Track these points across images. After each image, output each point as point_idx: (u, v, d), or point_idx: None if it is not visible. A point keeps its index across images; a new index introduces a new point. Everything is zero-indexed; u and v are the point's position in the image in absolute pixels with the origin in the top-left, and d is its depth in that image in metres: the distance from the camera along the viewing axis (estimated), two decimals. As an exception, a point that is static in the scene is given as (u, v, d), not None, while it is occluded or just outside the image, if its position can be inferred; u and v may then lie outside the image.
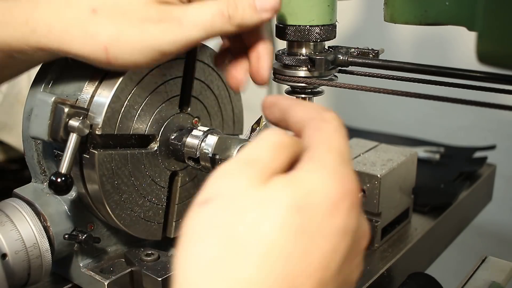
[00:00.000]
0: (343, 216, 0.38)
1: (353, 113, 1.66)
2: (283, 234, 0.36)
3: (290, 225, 0.37)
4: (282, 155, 0.41)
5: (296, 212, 0.37)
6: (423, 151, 1.08)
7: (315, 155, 0.41)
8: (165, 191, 0.69)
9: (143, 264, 0.66)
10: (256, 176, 0.39)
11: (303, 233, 0.37)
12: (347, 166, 0.41)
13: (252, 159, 0.40)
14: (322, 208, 0.38)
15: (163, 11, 0.55)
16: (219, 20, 0.55)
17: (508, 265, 0.69)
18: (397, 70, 0.58)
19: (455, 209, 0.92)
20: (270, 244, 0.36)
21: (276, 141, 0.41)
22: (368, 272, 0.72)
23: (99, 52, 0.55)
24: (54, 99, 0.57)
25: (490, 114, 1.39)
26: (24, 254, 0.59)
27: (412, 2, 0.54)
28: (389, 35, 1.47)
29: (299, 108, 0.46)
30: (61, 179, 0.56)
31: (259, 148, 0.41)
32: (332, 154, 0.41)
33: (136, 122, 0.63)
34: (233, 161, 0.40)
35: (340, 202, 0.39)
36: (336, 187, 0.39)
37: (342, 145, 0.42)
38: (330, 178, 0.39)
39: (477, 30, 0.44)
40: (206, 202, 0.38)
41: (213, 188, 0.39)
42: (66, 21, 0.55)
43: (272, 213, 0.37)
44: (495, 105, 0.50)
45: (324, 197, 0.38)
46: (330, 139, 0.42)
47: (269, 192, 0.38)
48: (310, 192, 0.38)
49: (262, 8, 0.55)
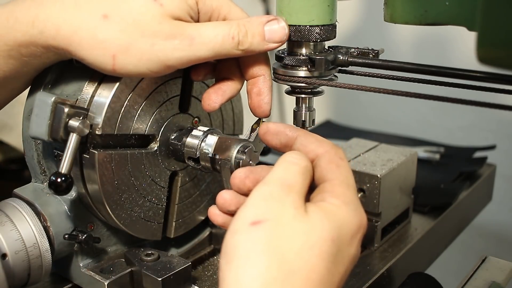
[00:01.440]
0: (357, 245, 0.48)
1: (353, 113, 1.66)
2: (321, 261, 0.44)
3: (327, 253, 0.44)
4: (307, 180, 0.50)
5: (331, 243, 0.45)
6: (423, 151, 1.08)
7: (340, 191, 0.48)
8: (165, 191, 0.69)
9: (143, 264, 0.66)
10: (297, 203, 0.46)
11: (333, 260, 0.45)
12: (359, 203, 0.49)
13: (290, 184, 0.47)
14: (347, 239, 0.46)
15: (176, 27, 0.55)
16: (228, 43, 0.57)
17: (508, 265, 0.69)
18: (397, 70, 0.58)
19: (455, 209, 0.92)
20: (311, 270, 0.43)
21: (304, 166, 0.50)
22: (368, 272, 0.72)
23: (106, 59, 0.55)
24: (54, 99, 0.57)
25: (490, 114, 1.39)
26: (24, 254, 0.59)
27: (412, 2, 0.54)
28: (389, 35, 1.47)
29: (312, 139, 0.53)
30: (61, 179, 0.56)
31: (294, 173, 0.49)
32: (350, 191, 0.49)
33: (136, 122, 0.63)
34: (273, 184, 0.47)
35: (357, 233, 0.48)
36: (356, 221, 0.48)
37: (354, 182, 0.51)
38: (352, 213, 0.47)
39: (477, 30, 0.44)
40: (258, 224, 0.44)
41: (262, 210, 0.45)
42: (75, 24, 0.55)
43: (314, 243, 0.44)
44: (495, 105, 0.50)
45: (349, 229, 0.47)
46: (348, 177, 0.50)
47: (312, 223, 0.45)
48: (341, 226, 0.46)
49: (270, 39, 0.59)
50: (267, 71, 0.62)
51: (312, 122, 0.65)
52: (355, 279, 0.71)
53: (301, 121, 0.65)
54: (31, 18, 0.55)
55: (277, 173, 0.48)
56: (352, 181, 0.50)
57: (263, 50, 0.59)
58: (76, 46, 0.55)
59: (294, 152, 0.51)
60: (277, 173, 0.48)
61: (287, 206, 0.46)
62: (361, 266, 0.74)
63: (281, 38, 0.59)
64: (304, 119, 0.64)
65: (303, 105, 0.64)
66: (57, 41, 0.55)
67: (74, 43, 0.55)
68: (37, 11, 0.55)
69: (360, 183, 0.76)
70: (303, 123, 0.65)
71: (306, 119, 0.64)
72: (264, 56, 0.61)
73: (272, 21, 0.59)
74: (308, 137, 0.53)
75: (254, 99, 0.62)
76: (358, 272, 0.72)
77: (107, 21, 0.54)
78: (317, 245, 0.44)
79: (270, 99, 0.62)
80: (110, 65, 0.55)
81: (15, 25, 0.56)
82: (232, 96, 0.63)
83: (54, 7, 0.55)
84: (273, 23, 0.59)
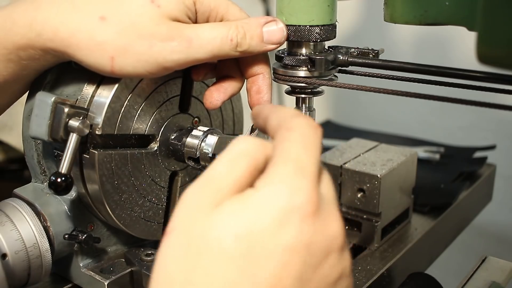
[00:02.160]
0: (292, 231, 0.38)
1: (353, 113, 1.66)
2: (223, 263, 0.37)
3: (230, 253, 0.37)
4: (241, 164, 0.41)
5: (234, 240, 0.37)
6: (423, 151, 1.08)
7: (271, 169, 0.40)
8: (165, 191, 0.69)
9: (143, 264, 0.66)
10: (207, 201, 0.39)
11: (244, 258, 0.37)
12: (303, 178, 0.39)
13: (208, 179, 0.40)
14: (267, 229, 0.38)
15: (174, 29, 0.55)
16: (227, 45, 0.56)
17: (508, 265, 0.69)
18: (397, 70, 0.58)
19: (455, 209, 0.92)
20: (212, 275, 0.37)
21: (235, 150, 0.41)
22: (368, 272, 0.72)
23: (104, 61, 0.55)
24: (54, 99, 0.57)
25: (490, 114, 1.39)
26: (24, 254, 0.59)
27: (412, 2, 0.54)
28: (389, 35, 1.47)
29: (274, 115, 0.45)
30: (61, 179, 0.56)
31: (217, 164, 0.41)
32: (287, 166, 0.40)
33: (136, 122, 0.63)
34: (193, 185, 0.41)
35: (288, 217, 0.38)
36: (284, 203, 0.38)
37: (300, 154, 0.40)
38: (277, 194, 0.38)
39: (477, 30, 0.44)
40: (168, 233, 0.40)
41: (173, 219, 0.41)
42: (72, 26, 0.55)
43: (211, 242, 0.38)
44: (495, 105, 0.50)
45: (269, 216, 0.38)
46: (289, 149, 0.41)
47: (212, 221, 0.38)
48: (253, 215, 0.38)
49: (269, 40, 0.58)
50: (266, 69, 0.62)
51: (312, 122, 0.65)
52: (355, 279, 0.71)
53: (301, 121, 0.65)
54: (28, 21, 0.55)
55: (208, 168, 0.42)
56: (295, 154, 0.40)
57: (262, 51, 0.59)
58: (74, 48, 0.55)
59: (237, 138, 0.43)
60: (208, 168, 0.42)
61: (194, 207, 0.40)
62: (361, 266, 0.74)
63: (279, 39, 0.59)
64: (304, 119, 0.64)
65: (303, 105, 0.64)
66: (55, 43, 0.55)
67: (72, 45, 0.55)
68: (35, 13, 0.55)
69: (360, 183, 0.76)
70: (303, 123, 0.65)
71: (306, 119, 0.64)
72: (263, 55, 0.62)
73: (270, 23, 0.59)
74: (272, 113, 0.46)
75: (254, 97, 0.62)
76: (358, 272, 0.72)
77: (104, 23, 0.54)
78: (214, 247, 0.38)
79: (269, 97, 0.62)
80: (108, 66, 0.55)
81: (13, 28, 0.56)
82: (233, 93, 0.63)
83: (51, 10, 0.55)
84: (271, 25, 0.59)
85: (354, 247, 0.79)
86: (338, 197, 0.79)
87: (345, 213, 0.79)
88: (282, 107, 0.47)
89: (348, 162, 0.78)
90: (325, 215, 0.40)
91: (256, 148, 0.42)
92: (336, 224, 0.40)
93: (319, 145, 0.42)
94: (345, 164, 0.78)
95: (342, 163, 0.78)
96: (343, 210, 0.79)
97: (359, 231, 0.78)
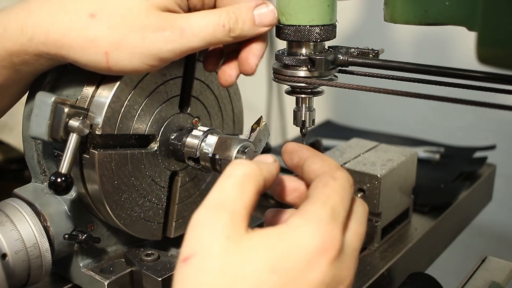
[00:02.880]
0: (322, 271, 0.42)
1: (353, 113, 1.66)
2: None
3: (265, 285, 0.40)
4: (248, 188, 0.44)
5: (270, 273, 0.40)
6: (423, 151, 1.08)
7: (310, 208, 0.44)
8: (165, 191, 0.69)
9: (143, 264, 0.66)
10: (229, 227, 0.41)
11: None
12: (335, 223, 0.43)
13: (221, 203, 0.42)
14: (299, 265, 0.41)
15: (165, 19, 0.55)
16: (219, 31, 0.56)
17: (508, 265, 0.69)
18: (397, 70, 0.58)
19: (455, 209, 0.92)
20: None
21: (241, 175, 0.44)
22: (368, 272, 0.72)
23: (99, 57, 0.55)
24: (54, 99, 0.57)
25: (490, 114, 1.39)
26: (24, 254, 0.59)
27: (412, 2, 0.54)
28: (389, 35, 1.47)
29: (317, 160, 0.50)
30: (61, 179, 0.56)
31: (226, 188, 0.43)
32: (324, 209, 0.44)
33: (136, 122, 0.63)
34: (205, 207, 0.43)
35: (318, 258, 0.42)
36: (316, 242, 0.42)
37: (337, 202, 0.45)
38: (311, 233, 0.42)
39: (477, 30, 0.44)
40: (186, 260, 0.41)
41: (192, 242, 0.41)
42: (63, 26, 0.55)
43: (248, 275, 0.40)
44: (495, 105, 0.50)
45: (302, 253, 0.41)
46: (329, 195, 0.45)
47: (243, 254, 0.40)
48: (287, 251, 0.41)
49: (261, 23, 0.58)
50: (263, 45, 0.61)
51: (312, 122, 0.65)
52: (355, 279, 0.71)
53: (301, 121, 0.65)
54: (19, 25, 0.55)
55: (211, 193, 0.44)
56: (334, 200, 0.45)
57: (255, 34, 0.59)
58: (68, 49, 0.55)
59: (234, 161, 0.46)
60: (211, 193, 0.44)
61: (217, 234, 0.41)
62: (361, 266, 0.74)
63: (271, 21, 0.59)
64: (304, 119, 0.64)
65: (303, 105, 0.64)
66: (47, 46, 0.55)
67: (64, 46, 0.55)
68: (25, 18, 0.55)
69: (360, 183, 0.76)
70: (303, 123, 0.65)
71: (306, 119, 0.64)
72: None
73: (261, 6, 0.59)
74: (315, 157, 0.51)
75: (243, 54, 0.60)
76: (358, 272, 0.72)
77: (95, 20, 0.54)
78: (252, 278, 0.39)
79: (259, 54, 0.60)
80: (103, 63, 0.55)
81: (4, 34, 0.56)
82: None
83: (41, 12, 0.55)
84: (261, 7, 0.59)
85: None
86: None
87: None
88: (321, 155, 0.52)
89: (348, 162, 0.78)
90: (344, 261, 0.44)
91: (258, 172, 0.45)
92: (350, 273, 0.45)
93: (350, 201, 0.48)
94: (345, 164, 0.78)
95: (342, 163, 0.78)
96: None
97: (359, 231, 0.78)
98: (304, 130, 0.66)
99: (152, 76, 0.63)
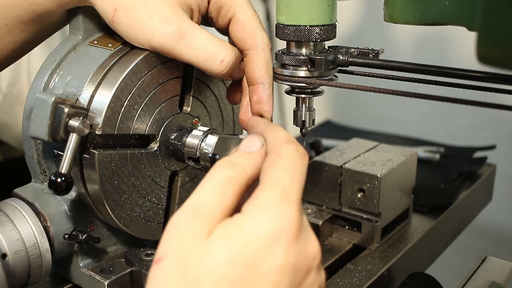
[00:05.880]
0: (281, 254, 0.41)
1: (353, 113, 1.66)
2: (222, 286, 0.39)
3: (228, 277, 0.40)
4: (229, 192, 0.44)
5: (231, 264, 0.40)
6: (423, 151, 1.08)
7: (259, 195, 0.43)
8: (165, 191, 0.69)
9: (143, 264, 0.66)
10: (200, 228, 0.41)
11: (242, 281, 0.40)
12: (287, 204, 0.43)
13: (198, 206, 0.43)
14: (259, 251, 0.41)
15: (176, 15, 0.57)
16: (212, 62, 0.58)
17: (508, 265, 0.69)
18: (397, 70, 0.58)
19: (455, 209, 0.92)
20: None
21: (222, 178, 0.44)
22: (368, 272, 0.72)
23: (109, 9, 0.58)
24: (54, 99, 0.57)
25: (490, 114, 1.39)
26: (24, 254, 0.59)
27: (412, 2, 0.54)
28: (389, 35, 1.47)
29: (267, 137, 0.48)
30: (61, 179, 0.56)
31: (205, 192, 0.43)
32: (274, 191, 0.43)
33: (136, 122, 0.63)
34: (181, 211, 0.43)
35: (277, 241, 0.41)
36: (272, 226, 0.41)
37: (287, 181, 0.44)
38: (266, 218, 0.42)
39: (477, 30, 0.44)
40: (158, 262, 0.41)
41: (164, 245, 0.42)
42: None
43: (210, 268, 0.40)
44: (495, 105, 0.50)
45: (260, 239, 0.41)
46: (277, 175, 0.44)
47: (207, 249, 0.41)
48: (245, 240, 0.41)
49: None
50: (267, 79, 0.62)
51: (312, 122, 0.65)
52: (355, 279, 0.71)
53: (301, 121, 0.65)
54: None
55: (191, 196, 0.44)
56: (282, 181, 0.44)
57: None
58: None
59: (218, 163, 0.46)
60: (191, 196, 0.44)
61: (188, 234, 0.41)
62: (361, 266, 0.74)
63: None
64: (304, 119, 0.65)
65: (303, 105, 0.64)
66: None
67: None
68: None
69: (360, 183, 0.76)
70: (303, 123, 0.65)
71: (306, 119, 0.65)
72: (264, 64, 0.62)
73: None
74: (265, 132, 0.50)
75: (254, 107, 0.63)
76: (358, 272, 0.72)
77: None
78: (216, 272, 0.40)
79: (270, 107, 0.63)
80: (110, 16, 0.58)
81: None
82: None
83: None
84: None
85: (354, 247, 0.79)
86: (338, 197, 0.79)
87: (345, 213, 0.79)
88: (276, 127, 0.50)
89: (348, 162, 0.78)
90: (306, 237, 0.43)
91: (241, 174, 0.45)
92: (315, 245, 0.44)
93: (305, 172, 0.46)
94: (345, 164, 0.78)
95: (342, 163, 0.78)
96: (344, 210, 0.80)
97: (359, 231, 0.78)
98: (304, 130, 0.66)
99: (152, 76, 0.63)
